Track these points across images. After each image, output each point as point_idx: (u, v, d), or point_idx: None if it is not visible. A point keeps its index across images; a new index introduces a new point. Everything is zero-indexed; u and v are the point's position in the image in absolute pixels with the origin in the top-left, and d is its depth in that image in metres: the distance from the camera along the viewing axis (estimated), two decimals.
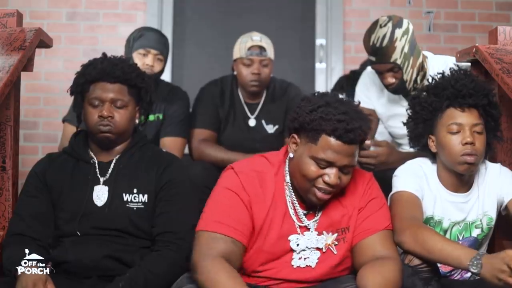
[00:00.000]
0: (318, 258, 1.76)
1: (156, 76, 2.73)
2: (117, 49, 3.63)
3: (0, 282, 1.92)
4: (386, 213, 1.83)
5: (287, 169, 1.80)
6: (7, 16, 2.22)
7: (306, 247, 1.75)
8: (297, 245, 1.74)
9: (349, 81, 3.28)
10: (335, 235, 1.77)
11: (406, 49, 2.37)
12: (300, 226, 1.76)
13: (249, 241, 1.73)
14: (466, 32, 4.00)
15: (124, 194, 2.03)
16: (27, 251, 1.88)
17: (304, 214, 1.77)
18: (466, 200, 1.99)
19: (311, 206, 1.78)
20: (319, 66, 4.03)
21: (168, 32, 3.95)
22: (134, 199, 2.04)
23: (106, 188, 2.05)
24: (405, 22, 2.41)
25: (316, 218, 1.77)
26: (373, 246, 1.75)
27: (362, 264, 1.71)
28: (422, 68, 2.44)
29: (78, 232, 2.00)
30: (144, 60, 2.68)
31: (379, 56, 2.36)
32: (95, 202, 2.02)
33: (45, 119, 3.93)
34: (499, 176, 2.00)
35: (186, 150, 2.85)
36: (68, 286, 1.91)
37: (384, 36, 2.35)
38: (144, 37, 2.73)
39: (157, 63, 2.72)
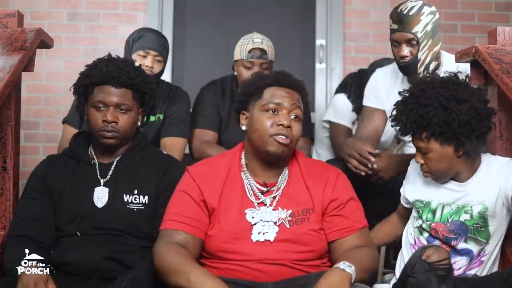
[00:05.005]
0: (276, 232, 1.84)
1: (156, 77, 2.73)
2: (117, 50, 3.64)
3: (1, 282, 1.93)
4: (362, 213, 1.96)
5: (243, 154, 1.97)
6: (8, 17, 2.23)
7: (261, 219, 1.86)
8: (252, 217, 1.86)
9: (355, 80, 3.27)
10: (290, 211, 1.88)
11: (428, 28, 2.42)
12: (258, 203, 1.89)
13: (204, 233, 1.86)
14: (465, 32, 4.00)
15: (124, 195, 2.04)
16: (27, 251, 1.89)
17: (262, 192, 1.90)
18: (462, 189, 2.00)
19: (269, 184, 1.92)
20: (319, 66, 4.04)
21: (168, 32, 3.95)
22: (135, 200, 2.05)
23: (107, 189, 2.05)
24: (434, 7, 2.48)
25: (273, 195, 1.91)
26: (353, 243, 1.87)
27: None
28: (437, 58, 2.47)
29: (78, 233, 2.01)
30: (143, 62, 2.68)
31: (402, 24, 2.41)
32: (96, 204, 2.03)
33: (46, 119, 3.93)
34: (504, 167, 1.98)
35: (187, 150, 2.85)
36: (69, 287, 1.92)
37: (413, 7, 2.42)
38: (143, 38, 2.72)
39: (156, 64, 2.72)
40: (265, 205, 1.89)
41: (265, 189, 1.91)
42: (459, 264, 1.98)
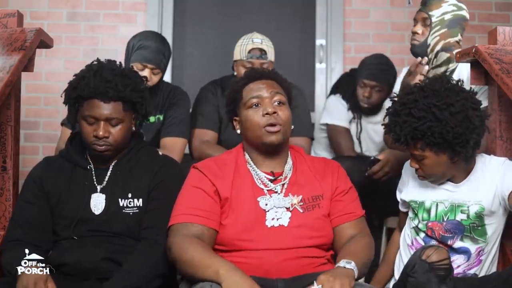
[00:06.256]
0: (290, 218, 1.90)
1: (154, 86, 2.66)
2: (117, 50, 3.66)
3: (0, 282, 1.93)
4: (360, 203, 2.03)
5: (245, 151, 2.02)
6: (8, 17, 2.23)
7: (274, 206, 1.91)
8: (266, 204, 1.91)
9: (348, 79, 3.30)
10: (300, 197, 1.93)
11: (446, 17, 2.46)
12: (268, 190, 1.94)
13: (218, 224, 1.89)
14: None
15: (120, 200, 2.03)
16: (27, 251, 1.89)
17: (271, 180, 1.95)
18: (456, 190, 2.01)
19: (277, 173, 1.97)
20: (319, 66, 4.04)
21: (168, 32, 3.95)
22: (130, 204, 2.03)
23: (103, 196, 2.04)
24: (463, 5, 2.52)
25: (282, 183, 1.96)
26: (352, 230, 1.95)
27: (341, 244, 1.92)
28: (449, 50, 2.47)
29: (75, 237, 2.01)
30: (140, 73, 2.61)
31: (424, 4, 2.51)
32: (93, 211, 2.02)
33: (46, 119, 3.93)
34: (500, 167, 1.98)
35: (187, 150, 2.85)
36: (68, 287, 1.92)
37: None
38: (143, 49, 2.64)
39: (154, 76, 2.65)
40: (276, 192, 1.94)
41: (272, 177, 1.96)
42: (457, 262, 1.99)
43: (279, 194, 1.94)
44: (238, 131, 2.03)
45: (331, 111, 3.22)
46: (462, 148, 1.89)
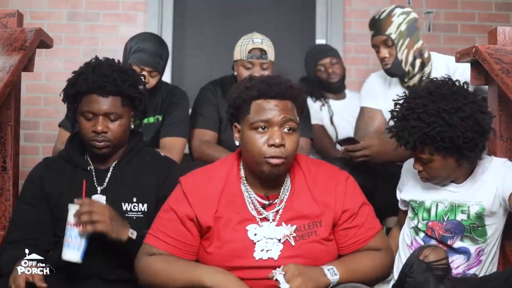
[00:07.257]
0: (281, 250, 1.74)
1: (152, 88, 2.66)
2: (117, 49, 3.65)
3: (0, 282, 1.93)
4: (374, 215, 1.89)
5: (241, 165, 1.84)
6: (8, 17, 2.23)
7: (264, 237, 1.74)
8: (255, 234, 1.75)
9: (303, 81, 3.46)
10: (294, 227, 1.76)
11: (402, 28, 2.51)
12: (260, 218, 1.77)
13: (191, 254, 1.79)
14: (465, 32, 4.00)
15: (123, 204, 2.02)
16: (27, 251, 1.88)
17: (263, 206, 1.78)
18: (458, 190, 2.01)
19: (271, 197, 1.80)
20: None
21: (168, 32, 3.95)
22: (134, 208, 2.02)
23: (104, 197, 2.02)
24: (409, 8, 2.58)
25: (276, 209, 1.78)
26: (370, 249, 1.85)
27: None
28: (421, 56, 2.53)
29: None
30: None
31: (376, 28, 2.55)
32: None
33: (46, 119, 3.93)
34: (501, 168, 1.98)
35: (186, 150, 2.85)
36: (69, 286, 1.92)
37: (384, 11, 2.56)
38: (141, 52, 2.63)
39: (151, 79, 2.65)
40: (268, 220, 1.77)
41: (267, 202, 1.79)
42: (456, 262, 1.99)
43: (271, 222, 1.76)
44: (237, 143, 1.82)
45: None
46: (471, 152, 1.88)
